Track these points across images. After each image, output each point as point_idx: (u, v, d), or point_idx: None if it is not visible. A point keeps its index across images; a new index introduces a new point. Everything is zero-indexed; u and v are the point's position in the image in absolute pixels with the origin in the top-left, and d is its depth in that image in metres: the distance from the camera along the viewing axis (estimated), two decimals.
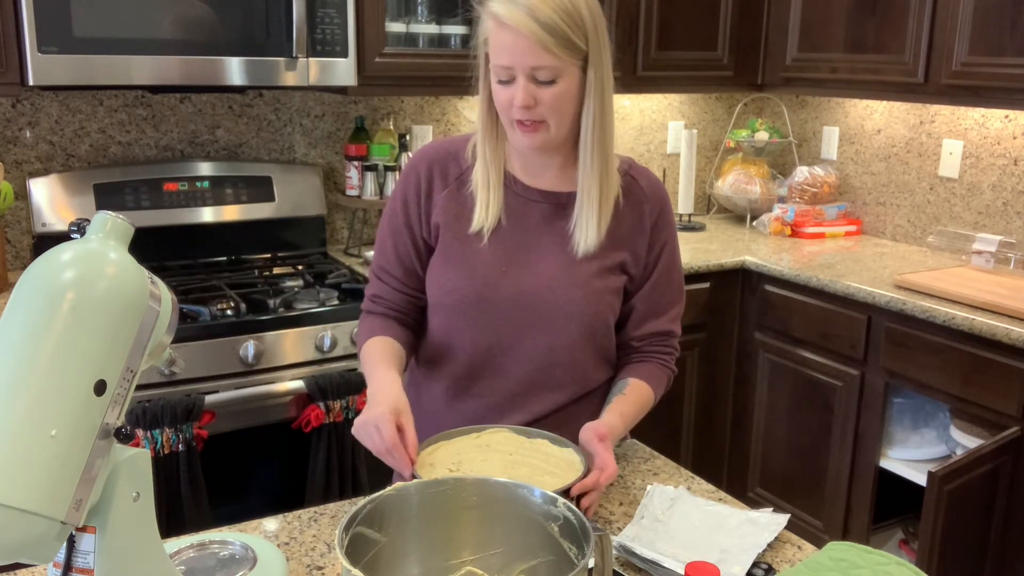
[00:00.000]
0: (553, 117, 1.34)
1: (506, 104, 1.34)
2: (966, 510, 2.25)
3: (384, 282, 1.50)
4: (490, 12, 1.31)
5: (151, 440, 2.07)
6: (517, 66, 1.30)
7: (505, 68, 1.31)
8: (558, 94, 1.32)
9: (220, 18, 2.34)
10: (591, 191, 1.40)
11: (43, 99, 2.58)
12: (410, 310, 1.50)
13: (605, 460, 1.24)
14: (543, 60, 1.29)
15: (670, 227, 1.50)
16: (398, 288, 1.49)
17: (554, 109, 1.33)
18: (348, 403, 2.30)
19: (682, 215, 3.47)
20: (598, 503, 1.28)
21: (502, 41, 1.30)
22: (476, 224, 1.42)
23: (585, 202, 1.40)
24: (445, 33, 2.82)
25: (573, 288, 1.41)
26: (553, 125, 1.35)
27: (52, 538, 0.80)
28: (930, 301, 2.49)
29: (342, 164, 2.97)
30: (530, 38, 1.27)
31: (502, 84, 1.33)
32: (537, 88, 1.31)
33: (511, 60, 1.30)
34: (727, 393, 3.18)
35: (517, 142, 1.38)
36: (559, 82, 1.31)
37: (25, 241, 2.61)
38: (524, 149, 1.39)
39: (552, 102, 1.32)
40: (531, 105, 1.31)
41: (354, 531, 0.90)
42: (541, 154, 1.42)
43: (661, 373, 1.51)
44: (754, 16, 3.30)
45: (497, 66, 1.32)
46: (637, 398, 1.44)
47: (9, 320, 0.83)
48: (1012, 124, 2.90)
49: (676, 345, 1.53)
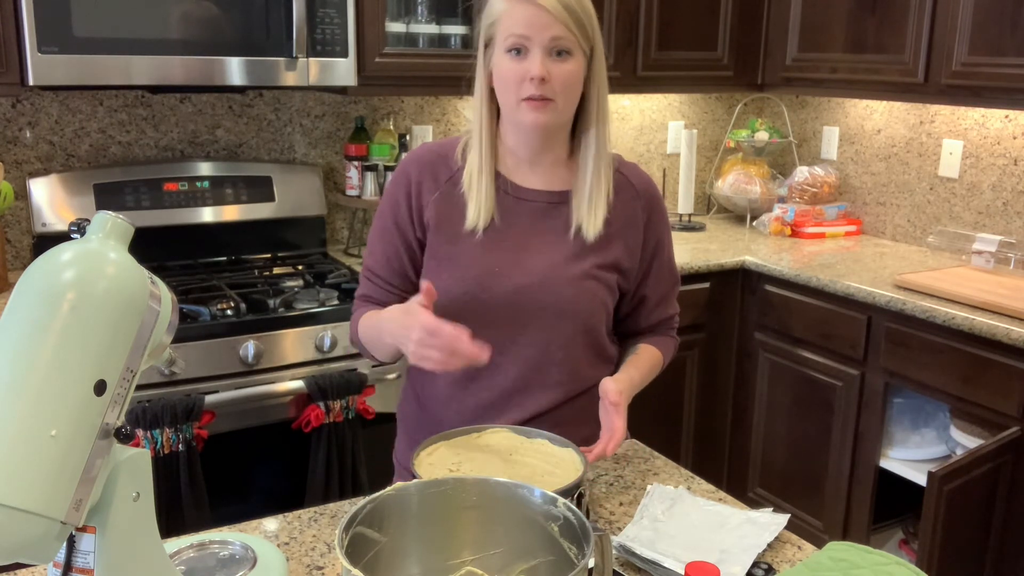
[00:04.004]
0: (562, 96, 1.37)
1: (517, 79, 1.36)
2: (966, 510, 2.25)
3: (374, 283, 1.52)
4: None
5: (151, 440, 2.07)
6: (535, 37, 1.33)
7: (521, 38, 1.34)
8: (571, 71, 1.36)
9: (220, 18, 2.34)
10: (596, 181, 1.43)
11: (43, 99, 2.58)
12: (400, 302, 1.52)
13: (615, 425, 1.31)
14: (562, 31, 1.33)
15: (664, 223, 1.55)
16: (387, 289, 1.51)
17: (565, 87, 1.36)
18: (348, 403, 2.30)
19: (682, 215, 3.47)
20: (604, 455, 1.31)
21: (520, 13, 1.34)
22: (469, 223, 1.43)
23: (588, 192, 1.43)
24: (445, 33, 2.82)
25: (566, 286, 1.43)
26: (560, 104, 1.38)
27: (52, 538, 0.80)
28: (930, 301, 2.49)
29: (342, 164, 2.97)
30: (553, 12, 1.32)
31: (513, 58, 1.35)
32: (551, 63, 1.34)
33: (529, 30, 1.33)
34: (727, 393, 3.18)
35: (523, 119, 1.39)
36: (571, 60, 1.36)
37: (25, 241, 2.61)
38: (529, 128, 1.40)
39: (564, 78, 1.36)
40: (546, 77, 1.34)
41: (354, 531, 0.90)
42: (531, 146, 1.44)
43: (669, 341, 1.61)
44: (754, 16, 3.30)
45: (512, 35, 1.35)
46: (649, 358, 1.53)
47: (9, 320, 0.83)
48: (1012, 124, 2.90)
49: (677, 318, 1.63)
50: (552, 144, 1.45)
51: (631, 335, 1.58)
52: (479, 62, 1.43)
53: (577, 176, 1.45)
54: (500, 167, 1.46)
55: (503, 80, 1.38)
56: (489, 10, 1.39)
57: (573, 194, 1.45)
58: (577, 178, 1.45)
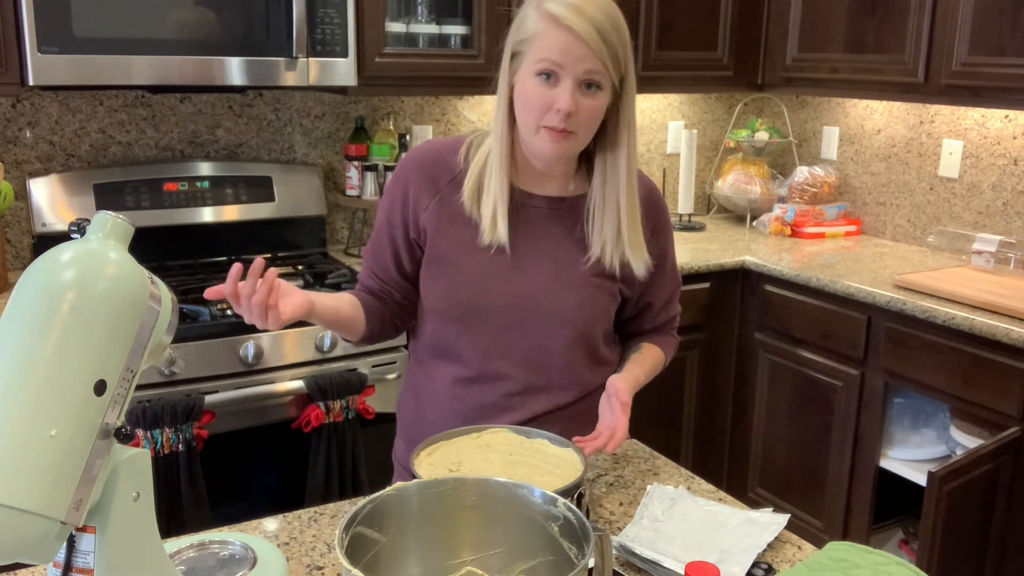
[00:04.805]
0: (584, 129, 1.35)
1: (542, 107, 1.32)
2: (966, 510, 2.25)
3: (365, 270, 1.55)
4: (545, 11, 1.30)
5: (151, 440, 2.07)
6: (569, 67, 1.29)
7: (556, 65, 1.30)
8: (597, 106, 1.33)
9: (220, 18, 2.34)
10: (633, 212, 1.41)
11: (43, 99, 2.58)
12: (387, 298, 1.53)
13: (619, 424, 1.31)
14: (596, 66, 1.30)
15: (668, 232, 1.55)
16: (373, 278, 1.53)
17: (590, 120, 1.34)
18: (348, 403, 2.30)
19: (682, 215, 3.47)
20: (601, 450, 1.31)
21: (557, 39, 1.29)
22: (485, 237, 1.41)
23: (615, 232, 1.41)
24: (445, 33, 2.82)
25: (568, 293, 1.43)
26: (581, 137, 1.36)
27: (52, 538, 0.80)
28: (930, 301, 2.49)
29: (342, 164, 2.97)
30: (591, 44, 1.28)
31: (543, 81, 1.31)
32: (581, 95, 1.31)
33: (564, 59, 1.29)
34: (727, 393, 3.18)
35: (539, 147, 1.36)
36: (600, 94, 1.33)
37: (25, 241, 2.61)
38: (545, 156, 1.37)
39: (590, 112, 1.33)
40: (574, 113, 1.31)
41: (354, 531, 0.90)
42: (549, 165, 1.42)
43: (671, 340, 1.63)
44: (754, 16, 3.30)
45: (545, 60, 1.30)
46: (652, 358, 1.55)
47: (9, 320, 0.83)
48: (1012, 124, 2.90)
49: (679, 318, 1.65)
50: (564, 161, 1.43)
51: (634, 335, 1.59)
52: (503, 71, 1.38)
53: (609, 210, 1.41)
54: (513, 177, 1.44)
55: (527, 102, 1.34)
56: (522, 24, 1.34)
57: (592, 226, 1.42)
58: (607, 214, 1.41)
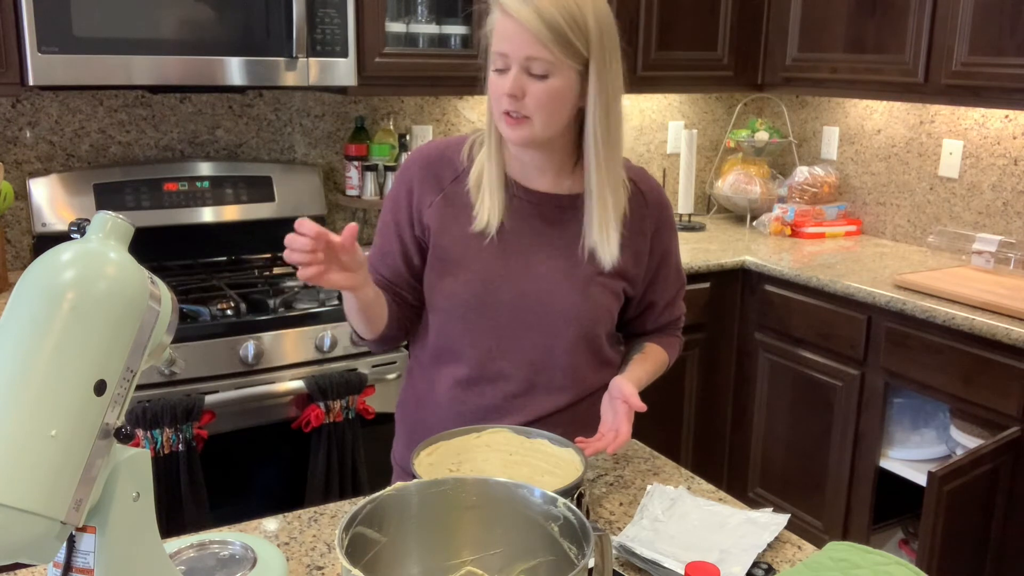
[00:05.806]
0: (538, 114, 1.35)
1: (496, 93, 1.36)
2: (966, 510, 2.25)
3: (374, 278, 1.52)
4: (499, 3, 1.34)
5: (151, 440, 2.07)
6: (512, 55, 1.32)
7: (502, 55, 1.34)
8: (546, 90, 1.33)
9: (220, 18, 2.34)
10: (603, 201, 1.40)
11: (43, 99, 2.58)
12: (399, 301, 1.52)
13: (622, 427, 1.31)
14: (538, 52, 1.31)
15: (672, 231, 1.55)
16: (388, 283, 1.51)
17: (540, 105, 1.34)
18: (348, 403, 2.30)
19: (682, 215, 3.47)
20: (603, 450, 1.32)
21: (504, 30, 1.33)
22: (478, 225, 1.42)
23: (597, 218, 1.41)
24: (445, 33, 2.82)
25: (572, 292, 1.43)
26: (537, 123, 1.35)
27: (52, 538, 0.80)
28: (930, 301, 2.49)
29: (342, 164, 2.97)
30: (529, 29, 1.30)
31: (497, 73, 1.36)
32: (528, 81, 1.33)
33: (508, 48, 1.32)
34: (727, 393, 3.18)
35: (504, 133, 1.39)
36: (550, 79, 1.33)
37: (25, 241, 2.61)
38: (509, 142, 1.41)
39: (539, 97, 1.33)
40: (518, 96, 1.33)
41: (354, 531, 0.90)
42: (531, 153, 1.43)
43: (675, 341, 1.62)
44: (754, 16, 3.30)
45: (495, 53, 1.35)
46: (656, 358, 1.54)
47: (9, 320, 0.83)
48: (1012, 124, 2.90)
49: (683, 319, 1.64)
50: (550, 153, 1.43)
51: (637, 335, 1.59)
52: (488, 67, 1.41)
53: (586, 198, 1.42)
54: (509, 170, 1.45)
55: (489, 93, 1.39)
56: (490, 18, 1.38)
57: (585, 217, 1.43)
58: (586, 201, 1.42)
